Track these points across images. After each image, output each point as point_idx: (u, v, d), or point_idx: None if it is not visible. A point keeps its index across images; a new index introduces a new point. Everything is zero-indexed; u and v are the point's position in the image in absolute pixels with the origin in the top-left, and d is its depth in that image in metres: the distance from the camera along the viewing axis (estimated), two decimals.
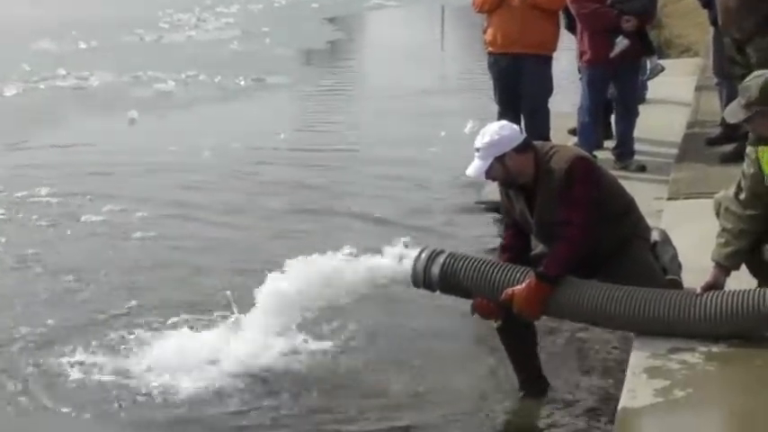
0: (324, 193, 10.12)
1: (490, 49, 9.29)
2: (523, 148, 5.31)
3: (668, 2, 17.03)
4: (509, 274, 5.30)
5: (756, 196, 5.11)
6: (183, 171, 10.91)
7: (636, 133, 9.38)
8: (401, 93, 15.54)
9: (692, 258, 5.58)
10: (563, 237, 5.19)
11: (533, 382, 5.79)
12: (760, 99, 4.98)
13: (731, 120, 5.21)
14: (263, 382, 5.97)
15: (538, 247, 5.51)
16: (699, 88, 11.41)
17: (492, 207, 8.69)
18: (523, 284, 5.21)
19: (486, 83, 10.35)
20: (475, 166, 5.36)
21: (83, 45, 20.58)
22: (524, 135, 5.41)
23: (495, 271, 5.33)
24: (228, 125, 13.27)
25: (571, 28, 9.68)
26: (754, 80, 5.06)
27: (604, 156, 9.17)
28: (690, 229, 6.34)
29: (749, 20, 7.77)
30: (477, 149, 5.32)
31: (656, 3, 9.50)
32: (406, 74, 17.48)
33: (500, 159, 5.28)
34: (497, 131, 5.34)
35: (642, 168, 9.12)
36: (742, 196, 5.15)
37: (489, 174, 5.37)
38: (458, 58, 21.00)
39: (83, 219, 9.14)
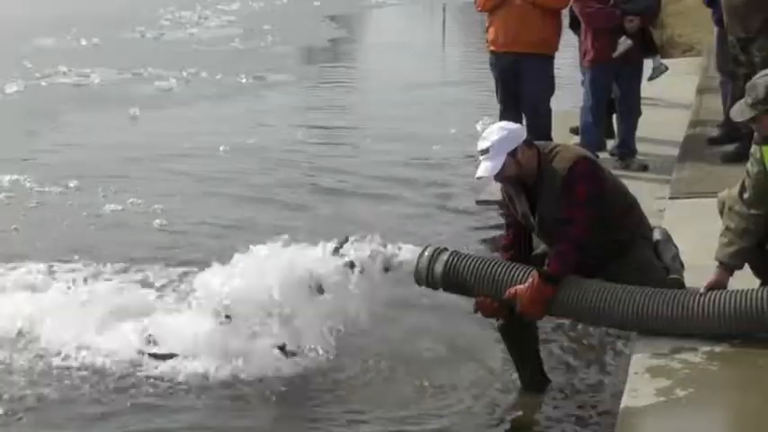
0: (343, 182, 10.32)
1: (492, 47, 9.29)
2: (530, 142, 5.31)
3: (670, 1, 17.01)
4: (512, 272, 5.30)
5: (760, 196, 5.10)
6: (205, 163, 11.07)
7: (638, 133, 9.37)
8: (403, 90, 15.60)
9: (694, 257, 5.58)
10: (566, 236, 5.18)
11: (535, 381, 5.79)
12: (766, 98, 4.97)
13: (737, 118, 5.19)
14: (255, 382, 5.96)
15: (540, 247, 5.51)
16: (701, 88, 11.41)
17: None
18: (526, 283, 5.21)
19: (485, 81, 10.39)
20: (486, 167, 5.28)
21: (84, 42, 20.59)
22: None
23: (499, 269, 5.33)
24: (235, 121, 13.35)
25: (573, 27, 9.69)
26: (762, 79, 5.05)
27: (605, 155, 9.17)
28: (692, 229, 6.34)
29: (755, 18, 7.75)
30: (486, 150, 5.26)
31: (660, 2, 9.49)
32: (408, 72, 17.49)
33: (513, 154, 5.24)
34: (503, 128, 5.33)
35: (644, 168, 9.12)
36: (746, 195, 5.15)
37: (503, 172, 5.28)
38: (459, 56, 21.00)
39: (106, 207, 9.34)
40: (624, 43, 8.86)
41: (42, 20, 22.83)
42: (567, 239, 5.18)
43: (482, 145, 5.30)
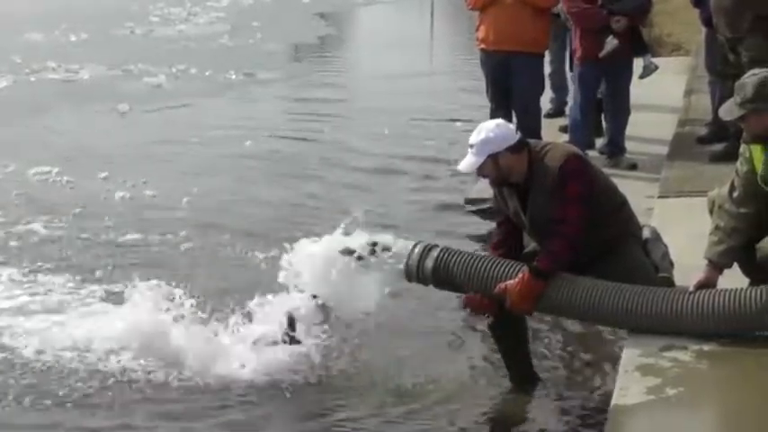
0: (337, 176, 10.54)
1: (482, 46, 9.30)
2: (518, 148, 5.31)
3: (658, 0, 17.04)
4: (503, 268, 5.31)
5: (750, 194, 5.13)
6: (210, 155, 11.31)
7: (626, 131, 9.39)
8: (394, 84, 15.73)
9: (683, 256, 5.60)
10: (557, 233, 5.20)
11: (524, 379, 5.80)
12: (755, 97, 5.01)
13: (726, 117, 5.23)
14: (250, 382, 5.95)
15: (530, 245, 5.52)
16: (689, 87, 11.43)
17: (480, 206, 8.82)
18: (516, 279, 5.22)
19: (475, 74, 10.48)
20: (467, 162, 5.38)
21: (73, 38, 20.54)
22: (519, 135, 5.40)
23: (489, 266, 5.35)
24: (230, 117, 13.42)
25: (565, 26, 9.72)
26: (750, 78, 5.09)
27: (594, 154, 9.19)
28: (681, 227, 6.36)
29: (744, 18, 7.75)
30: (472, 145, 5.34)
31: (650, 2, 9.49)
32: (398, 67, 17.52)
33: (493, 157, 5.29)
34: (493, 129, 5.35)
35: (633, 166, 9.14)
36: (735, 194, 5.17)
37: (481, 171, 5.40)
38: (448, 51, 21.01)
39: (117, 195, 9.63)
40: (611, 43, 8.87)
41: (31, 15, 22.76)
42: (558, 236, 5.20)
43: (471, 139, 5.36)
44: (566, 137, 9.38)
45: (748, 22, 7.74)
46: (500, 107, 9.12)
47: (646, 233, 5.59)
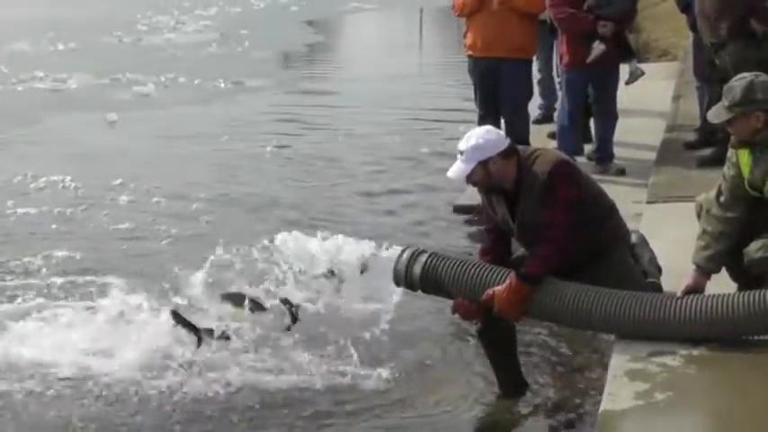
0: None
1: (470, 52, 9.32)
2: (507, 153, 5.30)
3: (646, 6, 17.10)
4: (491, 274, 5.31)
5: (737, 199, 5.15)
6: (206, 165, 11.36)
7: (615, 137, 9.41)
8: (383, 88, 15.87)
9: (671, 261, 5.61)
10: (545, 237, 5.19)
11: (513, 385, 5.80)
12: (743, 100, 5.03)
13: (714, 120, 5.24)
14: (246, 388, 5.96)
15: (518, 251, 5.52)
16: (677, 92, 11.46)
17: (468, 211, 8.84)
18: (504, 284, 5.22)
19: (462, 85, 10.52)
20: (457, 169, 5.36)
21: (60, 46, 20.55)
22: (509, 140, 5.40)
23: (477, 271, 5.34)
24: (221, 124, 13.45)
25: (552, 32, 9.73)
26: (738, 82, 5.11)
27: (583, 160, 9.21)
28: (669, 233, 6.38)
29: (724, 24, 7.75)
30: (461, 152, 5.31)
31: (635, 7, 9.52)
32: (387, 71, 17.58)
33: (483, 164, 5.28)
34: (483, 135, 5.33)
35: (621, 172, 9.16)
36: (722, 199, 5.19)
37: (471, 178, 5.38)
38: (437, 58, 21.05)
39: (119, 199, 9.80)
40: (598, 48, 8.88)
41: (17, 24, 22.75)
42: (546, 241, 5.19)
43: (460, 146, 5.35)
44: (554, 143, 9.37)
45: (726, 30, 7.73)
46: (488, 113, 9.14)
47: (633, 238, 5.61)
